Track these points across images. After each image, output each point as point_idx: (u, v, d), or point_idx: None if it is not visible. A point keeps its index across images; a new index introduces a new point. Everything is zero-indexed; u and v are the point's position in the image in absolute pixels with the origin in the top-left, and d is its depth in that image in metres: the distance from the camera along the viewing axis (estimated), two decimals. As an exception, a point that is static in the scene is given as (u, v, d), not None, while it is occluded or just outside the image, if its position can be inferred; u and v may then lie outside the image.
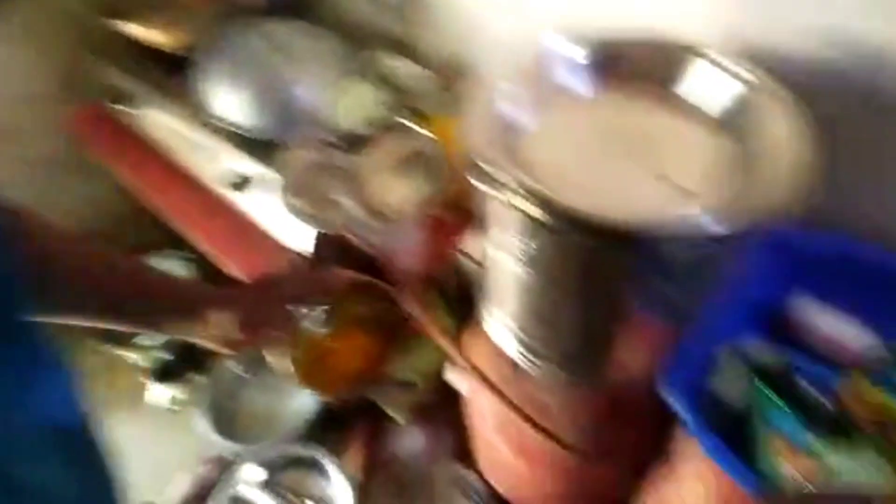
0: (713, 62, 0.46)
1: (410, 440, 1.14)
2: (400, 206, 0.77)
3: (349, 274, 0.62)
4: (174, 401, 1.30)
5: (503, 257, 0.54)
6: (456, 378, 0.87)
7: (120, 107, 1.06)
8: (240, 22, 0.92)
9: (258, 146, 0.85)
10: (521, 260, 0.51)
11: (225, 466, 1.12)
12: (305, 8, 1.00)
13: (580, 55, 0.47)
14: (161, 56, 0.99)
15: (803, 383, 0.52)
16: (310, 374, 0.55)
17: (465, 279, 0.81)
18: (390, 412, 1.08)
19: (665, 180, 0.42)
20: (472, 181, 0.45)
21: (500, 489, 0.99)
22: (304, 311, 0.56)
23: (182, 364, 1.26)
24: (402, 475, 1.09)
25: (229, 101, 0.88)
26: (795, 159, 0.38)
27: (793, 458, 0.47)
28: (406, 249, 0.81)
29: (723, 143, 0.43)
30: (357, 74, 0.84)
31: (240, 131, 0.87)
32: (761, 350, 0.54)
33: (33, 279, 0.33)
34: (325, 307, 0.57)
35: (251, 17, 0.93)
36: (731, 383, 0.53)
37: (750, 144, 0.40)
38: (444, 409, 1.15)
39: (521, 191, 0.42)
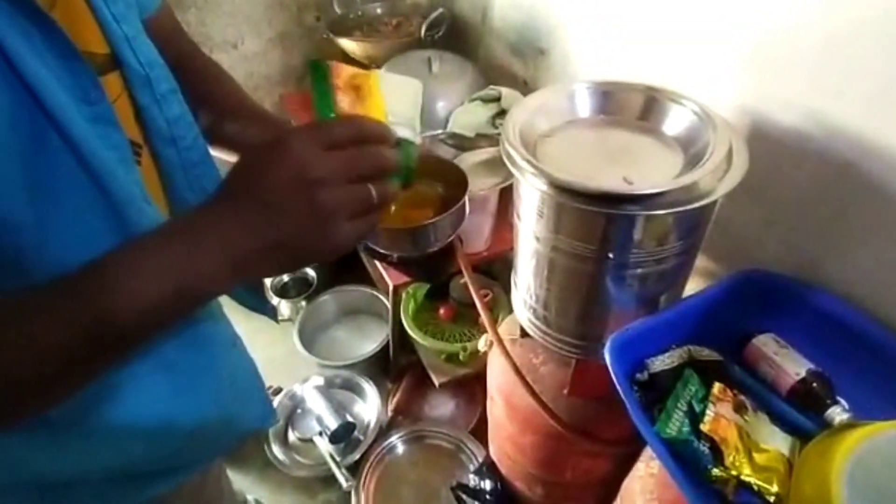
0: (674, 100, 0.61)
1: (440, 404, 1.29)
2: (480, 196, 0.97)
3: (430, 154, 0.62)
4: (281, 315, 1.60)
5: (524, 231, 0.70)
6: (483, 343, 1.01)
7: (319, 94, 1.41)
8: (413, 48, 1.22)
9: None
10: (535, 233, 0.67)
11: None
12: (462, 47, 1.27)
13: (591, 92, 0.64)
14: (357, 64, 1.33)
15: (735, 371, 0.61)
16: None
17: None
18: (430, 374, 1.25)
19: (629, 183, 0.57)
20: (507, 165, 0.63)
21: (497, 458, 1.09)
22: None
23: (296, 288, 1.56)
24: (421, 428, 1.25)
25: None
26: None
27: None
28: (476, 228, 1.00)
29: (677, 156, 0.57)
30: (480, 99, 1.07)
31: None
32: (701, 350, 0.64)
33: None
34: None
35: (421, 47, 1.22)
36: (667, 366, 0.63)
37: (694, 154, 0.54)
38: (477, 386, 1.30)
39: (535, 171, 0.60)
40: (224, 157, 0.58)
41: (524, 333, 0.85)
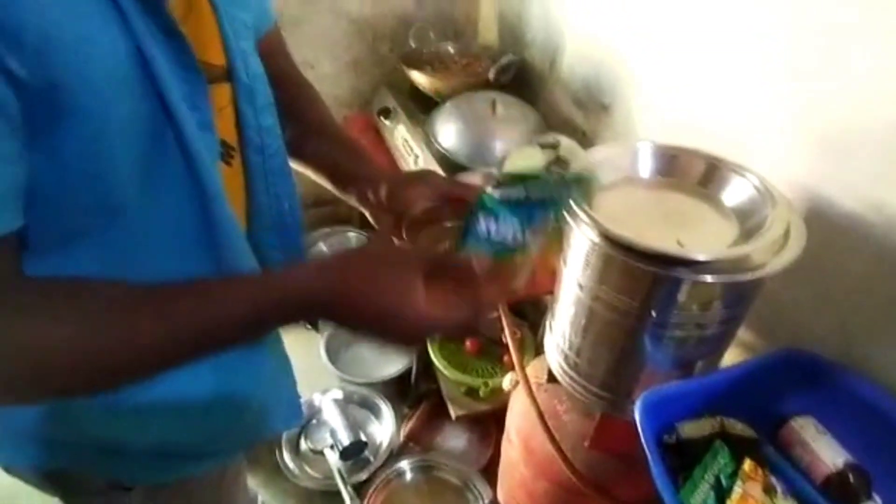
0: (735, 171, 0.63)
1: (454, 437, 1.28)
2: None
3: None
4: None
5: (568, 276, 0.72)
6: (508, 382, 1.02)
7: (382, 119, 1.48)
8: (479, 88, 1.27)
9: (453, 166, 1.16)
10: (579, 280, 0.69)
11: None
12: (526, 92, 1.31)
13: (654, 153, 0.66)
14: (423, 96, 1.39)
15: (769, 450, 0.59)
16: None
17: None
18: (449, 405, 1.24)
19: (681, 246, 0.58)
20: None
21: (504, 502, 1.07)
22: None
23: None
24: (432, 459, 1.24)
25: (449, 133, 1.21)
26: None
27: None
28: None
29: (733, 226, 0.58)
30: (538, 144, 1.10)
31: (446, 154, 1.19)
32: (735, 423, 0.63)
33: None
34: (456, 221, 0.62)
35: (487, 87, 1.27)
36: (697, 433, 0.62)
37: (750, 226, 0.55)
38: (493, 424, 1.28)
39: (589, 221, 0.61)
40: (299, 169, 0.63)
41: (551, 378, 0.85)
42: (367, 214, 0.67)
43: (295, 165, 0.61)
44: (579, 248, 0.65)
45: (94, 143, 0.36)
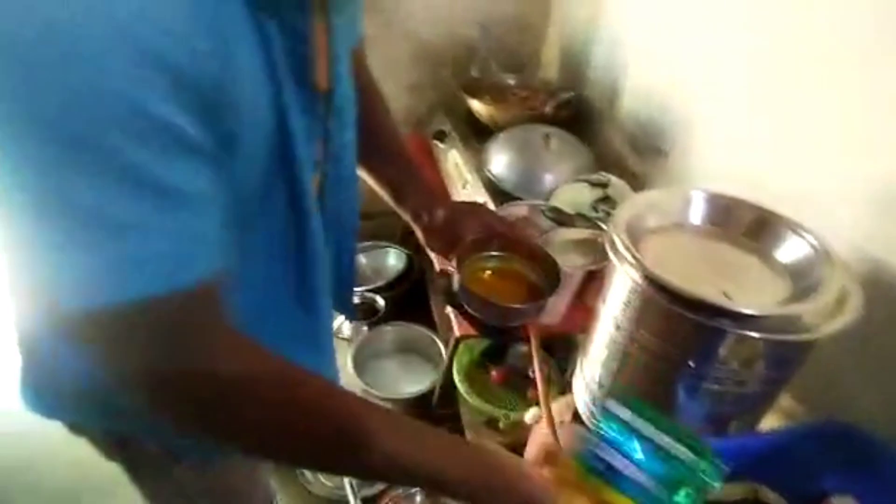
0: (791, 228, 0.61)
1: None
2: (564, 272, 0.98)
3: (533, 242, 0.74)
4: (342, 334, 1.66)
5: (606, 316, 0.71)
6: (531, 416, 1.00)
7: (436, 142, 1.51)
8: (535, 121, 1.29)
9: (500, 194, 1.17)
10: (617, 320, 0.68)
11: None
12: (582, 128, 1.32)
13: (708, 200, 0.65)
14: (479, 124, 1.43)
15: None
16: (468, 284, 0.65)
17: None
18: (466, 432, 1.23)
19: (728, 297, 0.57)
20: (608, 249, 0.66)
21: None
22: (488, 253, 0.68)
23: (362, 311, 1.62)
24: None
25: (500, 161, 1.23)
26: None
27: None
28: (553, 302, 1.01)
29: (784, 284, 0.57)
30: (588, 182, 1.11)
31: (495, 181, 1.21)
32: (769, 492, 0.60)
33: None
34: (500, 252, 0.69)
35: (543, 121, 1.29)
36: (728, 497, 0.60)
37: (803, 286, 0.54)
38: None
39: (634, 262, 0.61)
40: (361, 176, 0.66)
41: (576, 418, 0.84)
42: (418, 233, 0.70)
43: (359, 172, 0.64)
44: (621, 288, 0.65)
45: (233, 181, 0.40)
